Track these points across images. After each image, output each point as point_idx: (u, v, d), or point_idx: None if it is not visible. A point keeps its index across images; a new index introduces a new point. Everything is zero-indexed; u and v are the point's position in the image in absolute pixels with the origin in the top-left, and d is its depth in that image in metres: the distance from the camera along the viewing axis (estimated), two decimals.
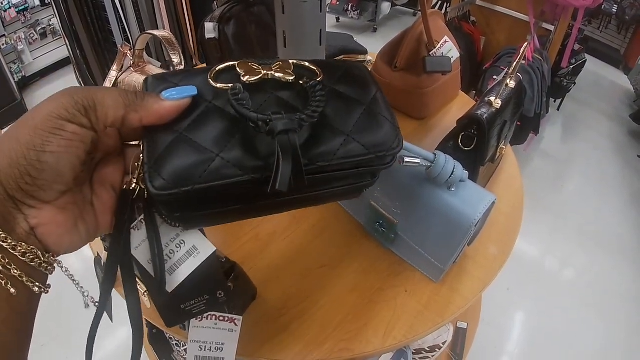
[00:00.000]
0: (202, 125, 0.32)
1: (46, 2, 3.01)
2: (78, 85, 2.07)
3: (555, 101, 2.71)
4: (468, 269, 0.68)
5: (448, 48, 0.93)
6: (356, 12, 3.73)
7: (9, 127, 0.28)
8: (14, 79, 2.96)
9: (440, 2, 2.73)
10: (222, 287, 0.47)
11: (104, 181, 0.34)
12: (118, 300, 0.72)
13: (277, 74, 0.34)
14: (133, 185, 0.33)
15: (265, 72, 0.34)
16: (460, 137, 0.70)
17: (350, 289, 0.63)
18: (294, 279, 0.65)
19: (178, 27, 1.99)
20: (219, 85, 0.33)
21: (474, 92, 2.20)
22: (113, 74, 0.85)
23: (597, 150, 2.67)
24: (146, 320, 1.13)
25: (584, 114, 2.98)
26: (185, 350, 1.03)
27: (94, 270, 0.72)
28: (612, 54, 3.72)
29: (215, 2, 1.52)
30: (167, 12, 1.95)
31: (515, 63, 0.74)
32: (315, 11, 0.73)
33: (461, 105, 1.03)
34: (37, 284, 0.28)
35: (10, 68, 2.98)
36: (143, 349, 1.24)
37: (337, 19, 3.96)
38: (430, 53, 0.90)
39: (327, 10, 3.96)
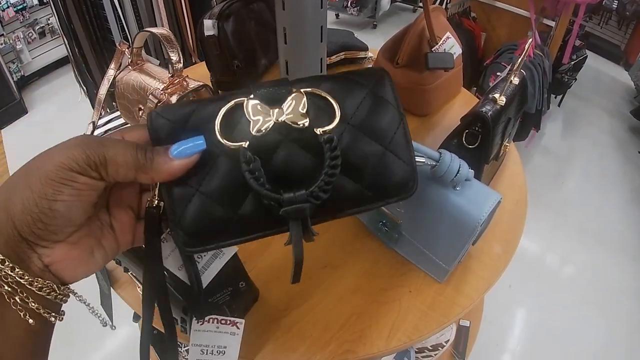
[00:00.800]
0: (216, 180, 0.32)
1: (44, 1, 3.00)
2: (77, 82, 2.06)
3: (555, 97, 2.70)
4: (472, 268, 0.67)
5: (450, 44, 0.92)
6: (356, 9, 3.71)
7: (21, 167, 0.29)
8: (12, 79, 2.95)
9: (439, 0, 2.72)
10: (244, 278, 0.53)
11: (121, 203, 0.34)
12: (118, 302, 0.72)
13: (288, 118, 0.32)
14: (156, 202, 0.33)
15: (276, 118, 0.32)
16: (464, 134, 0.69)
17: (353, 290, 0.62)
18: None
19: (177, 24, 1.97)
20: (231, 145, 0.32)
21: (475, 88, 2.19)
22: (111, 72, 0.84)
23: (597, 146, 2.67)
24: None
25: (584, 110, 2.97)
26: (187, 351, 1.02)
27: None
28: (613, 50, 3.71)
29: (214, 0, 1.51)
30: (166, 10, 1.94)
31: (520, 60, 0.73)
32: (316, 7, 0.72)
33: (464, 102, 1.02)
34: (53, 313, 0.30)
35: (9, 67, 2.97)
36: (134, 350, 1.24)
37: (337, 15, 3.95)
38: (433, 49, 0.89)
39: (327, 6, 3.98)
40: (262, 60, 1.02)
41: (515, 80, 0.76)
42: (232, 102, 0.32)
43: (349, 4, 3.73)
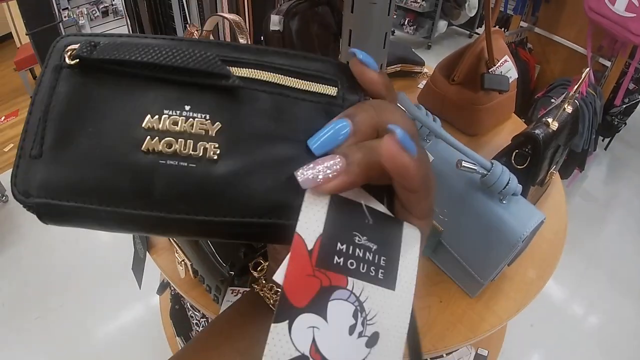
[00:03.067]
0: None
1: None
2: None
3: (603, 140, 2.63)
4: (505, 289, 0.67)
5: (507, 68, 0.93)
6: (412, 27, 3.73)
7: None
8: None
9: (497, 26, 2.70)
10: None
11: None
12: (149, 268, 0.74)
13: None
14: None
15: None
16: (514, 154, 0.69)
17: None
18: None
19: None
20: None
21: (523, 120, 2.16)
22: None
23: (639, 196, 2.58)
24: (171, 294, 1.16)
25: (631, 157, 2.87)
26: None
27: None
28: None
29: None
30: (228, 2, 2.00)
31: (576, 87, 0.73)
32: (383, 14, 0.74)
33: (513, 127, 1.01)
34: None
35: None
36: (160, 323, 1.27)
37: (393, 32, 3.97)
38: (489, 70, 0.89)
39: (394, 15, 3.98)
40: None
41: (569, 109, 0.76)
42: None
43: (405, 22, 3.74)
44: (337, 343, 0.21)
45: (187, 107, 0.25)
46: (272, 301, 0.32)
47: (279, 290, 0.28)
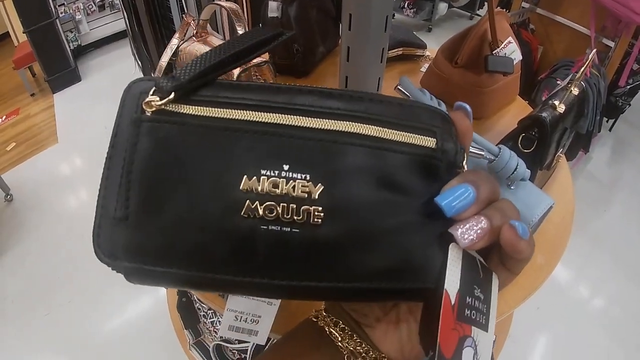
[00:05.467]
0: None
1: None
2: (132, 55, 2.12)
3: (607, 121, 2.60)
4: None
5: (512, 49, 0.91)
6: (412, 10, 3.67)
7: None
8: (69, 47, 3.08)
9: (499, 7, 2.66)
10: None
11: None
12: None
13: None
14: None
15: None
16: (520, 138, 0.68)
17: None
18: None
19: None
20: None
21: (527, 101, 2.14)
22: (175, 41, 0.86)
23: None
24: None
25: (635, 138, 2.85)
26: (211, 322, 1.04)
27: None
28: None
29: None
30: None
31: (582, 69, 0.71)
32: None
33: (518, 109, 1.00)
34: None
35: (67, 36, 3.10)
36: (168, 316, 1.27)
37: (393, 15, 3.91)
38: (493, 52, 0.88)
39: None
40: (320, 48, 1.03)
41: (575, 91, 0.75)
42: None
43: (405, 5, 3.68)
44: None
45: (286, 167, 0.23)
46: (335, 334, 0.33)
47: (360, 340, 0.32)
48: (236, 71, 0.71)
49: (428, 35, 3.76)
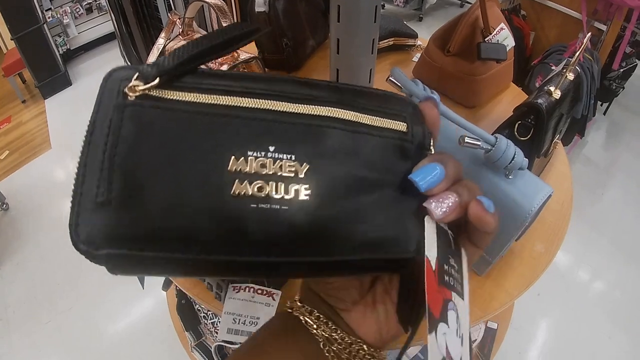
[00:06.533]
0: None
1: None
2: (122, 57, 2.10)
3: (602, 105, 2.60)
4: (514, 264, 0.65)
5: (504, 36, 0.89)
6: (402, 0, 3.65)
7: None
8: (58, 52, 3.05)
9: None
10: None
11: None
12: None
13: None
14: None
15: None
16: (517, 126, 0.67)
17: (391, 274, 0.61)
18: None
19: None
20: None
21: (521, 88, 2.13)
22: (161, 41, 0.85)
23: None
24: (176, 289, 1.15)
25: (631, 121, 2.85)
26: (212, 323, 1.03)
27: None
28: None
29: None
30: None
31: (577, 54, 0.70)
32: None
33: (512, 96, 0.99)
34: None
35: (56, 41, 3.06)
36: (169, 318, 1.27)
37: (383, 5, 3.90)
38: (486, 39, 0.86)
39: None
40: (310, 41, 1.02)
41: (570, 76, 0.74)
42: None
43: None
44: (453, 344, 0.25)
45: (272, 148, 0.25)
46: (311, 322, 0.33)
47: (320, 315, 0.33)
48: (224, 67, 0.70)
49: (419, 24, 3.74)
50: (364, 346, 0.33)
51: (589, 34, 0.78)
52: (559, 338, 1.66)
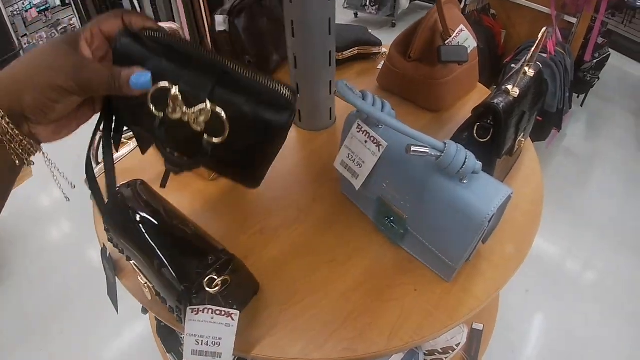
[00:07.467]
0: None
1: (66, 2, 3.07)
2: None
3: (578, 97, 2.62)
4: (482, 268, 0.64)
5: (464, 37, 0.90)
6: (374, 7, 3.68)
7: (35, 64, 0.39)
8: None
9: None
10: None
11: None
12: (123, 292, 0.72)
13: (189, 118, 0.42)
14: None
15: (181, 115, 0.41)
16: (476, 127, 0.66)
17: (357, 286, 0.61)
18: (300, 274, 0.62)
19: (195, 22, 1.99)
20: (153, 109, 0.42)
21: (495, 87, 2.14)
22: None
23: (622, 147, 2.57)
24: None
25: (608, 110, 2.88)
26: None
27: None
28: (638, 49, 3.58)
29: None
30: (185, 9, 1.96)
31: (533, 49, 0.71)
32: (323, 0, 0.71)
33: (479, 97, 0.99)
34: (29, 159, 0.41)
35: None
36: (153, 340, 1.24)
37: (356, 14, 3.92)
38: (446, 42, 0.87)
39: (345, 5, 3.89)
40: (274, 56, 1.01)
41: (530, 73, 0.74)
42: (165, 85, 0.40)
43: (367, 3, 3.69)
44: None
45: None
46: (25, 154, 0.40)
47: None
48: None
49: (393, 30, 3.76)
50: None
51: (545, 28, 0.77)
52: (553, 333, 1.65)
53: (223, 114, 0.40)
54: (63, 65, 0.39)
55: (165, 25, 0.74)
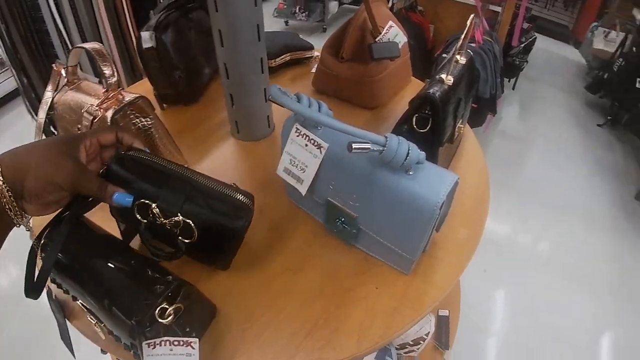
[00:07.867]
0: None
1: None
2: (28, 112, 1.98)
3: (509, 81, 2.76)
4: (439, 256, 0.65)
5: (394, 33, 0.91)
6: (304, 14, 3.72)
7: (40, 156, 0.48)
8: None
9: None
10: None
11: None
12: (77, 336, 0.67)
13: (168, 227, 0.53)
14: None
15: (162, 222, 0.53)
16: (414, 119, 0.67)
17: (317, 293, 0.59)
18: (256, 289, 0.60)
19: (123, 41, 1.92)
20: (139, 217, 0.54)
21: (428, 80, 2.20)
22: (49, 94, 0.78)
23: (556, 124, 2.73)
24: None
25: (539, 91, 3.04)
26: None
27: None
28: (561, 31, 3.83)
29: (152, 11, 1.46)
30: (112, 29, 1.88)
31: (462, 37, 0.72)
32: (250, 6, 0.69)
33: (414, 91, 1.00)
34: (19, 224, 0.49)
35: None
36: None
37: (286, 22, 3.94)
38: (376, 40, 0.88)
39: (275, 14, 3.90)
40: (206, 69, 0.99)
41: (462, 60, 0.76)
42: (147, 202, 0.53)
43: (297, 10, 3.73)
44: None
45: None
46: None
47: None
48: (109, 113, 0.65)
49: (324, 35, 3.82)
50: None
51: (472, 16, 0.79)
52: (516, 306, 1.71)
53: (192, 223, 0.52)
54: (64, 166, 0.48)
55: (88, 46, 0.70)
